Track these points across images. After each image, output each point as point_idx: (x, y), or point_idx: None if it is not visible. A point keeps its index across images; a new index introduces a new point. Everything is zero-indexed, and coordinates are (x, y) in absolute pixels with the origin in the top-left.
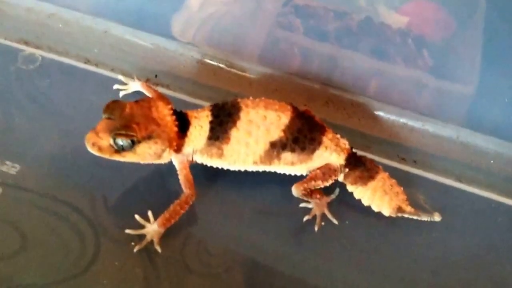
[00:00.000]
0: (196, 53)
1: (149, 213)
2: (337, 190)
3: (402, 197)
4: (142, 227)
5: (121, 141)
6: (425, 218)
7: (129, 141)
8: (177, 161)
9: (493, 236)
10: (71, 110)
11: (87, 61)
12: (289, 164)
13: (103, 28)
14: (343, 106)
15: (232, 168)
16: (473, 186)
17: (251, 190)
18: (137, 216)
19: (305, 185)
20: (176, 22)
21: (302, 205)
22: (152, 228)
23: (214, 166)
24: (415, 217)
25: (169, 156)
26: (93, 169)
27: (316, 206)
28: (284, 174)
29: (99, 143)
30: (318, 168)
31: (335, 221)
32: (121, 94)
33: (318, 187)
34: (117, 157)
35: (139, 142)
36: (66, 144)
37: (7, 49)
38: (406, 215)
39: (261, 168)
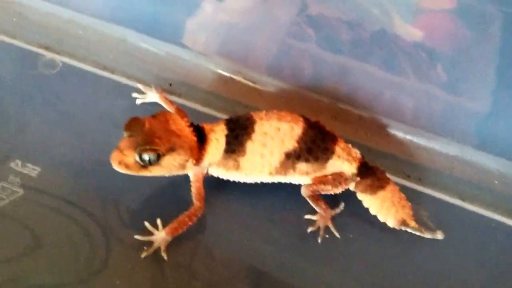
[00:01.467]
0: (209, 63)
1: (158, 221)
2: (342, 205)
3: (408, 211)
4: (151, 233)
5: (147, 156)
6: (427, 235)
7: (154, 155)
8: (193, 173)
9: (493, 254)
10: (88, 115)
11: (104, 68)
12: (303, 174)
13: (120, 35)
14: (350, 120)
15: (248, 180)
16: (475, 205)
17: (258, 200)
18: (146, 223)
19: (315, 186)
20: (188, 32)
21: (307, 217)
22: (160, 236)
23: (231, 179)
24: (417, 233)
25: (192, 167)
26: (108, 174)
27: (320, 218)
28: (291, 186)
29: (125, 161)
30: (330, 174)
31: (338, 235)
32: (138, 102)
33: (328, 192)
34: (144, 172)
35: (163, 155)
36: (83, 147)
37: (28, 54)
38: (409, 230)
39: (276, 179)
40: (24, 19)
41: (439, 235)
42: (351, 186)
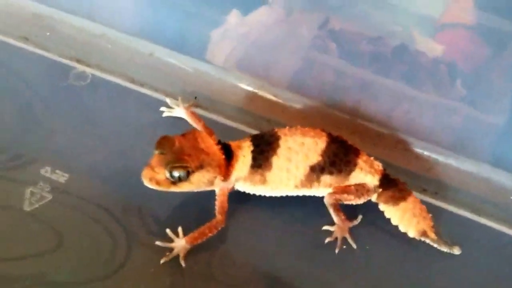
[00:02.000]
0: (232, 78)
1: (179, 229)
2: (359, 217)
3: (429, 223)
4: (172, 240)
5: (177, 173)
6: (444, 248)
7: (184, 172)
8: (219, 187)
9: (509, 270)
10: (116, 125)
11: (132, 81)
12: (327, 187)
13: (148, 50)
14: (369, 136)
15: (274, 194)
16: (491, 221)
17: (278, 209)
18: (168, 230)
19: (338, 196)
20: (212, 47)
21: (325, 227)
22: (180, 243)
23: (257, 194)
24: (435, 245)
25: (220, 183)
26: (134, 181)
27: (338, 229)
28: (310, 198)
29: (156, 178)
30: (353, 184)
31: (355, 246)
32: (164, 115)
33: (350, 202)
34: (174, 188)
35: (193, 172)
36: (110, 155)
37: (60, 66)
38: (428, 241)
39: (301, 192)
40: (57, 33)
41: (456, 251)
42: (373, 197)
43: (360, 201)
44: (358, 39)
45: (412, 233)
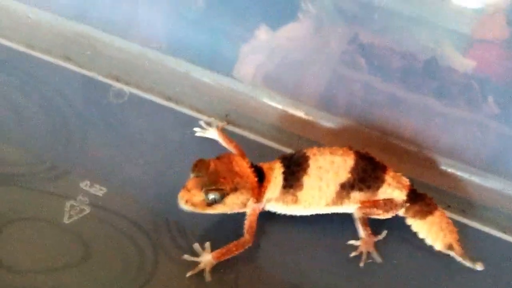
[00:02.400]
0: (262, 95)
1: (207, 244)
2: (384, 232)
3: (455, 236)
4: (198, 255)
5: (212, 195)
6: (468, 263)
7: (219, 194)
8: (250, 208)
9: None
10: (152, 142)
11: (168, 99)
12: (357, 203)
13: (183, 69)
14: (397, 153)
15: (306, 213)
16: None
17: (303, 224)
18: (195, 245)
19: (367, 209)
20: (242, 64)
21: (350, 242)
22: (207, 258)
23: (288, 214)
24: (460, 259)
25: (252, 205)
26: (167, 195)
27: (363, 243)
28: (337, 213)
29: (192, 200)
30: (382, 199)
31: (380, 260)
32: (197, 134)
33: (379, 217)
34: (209, 210)
35: (227, 194)
36: (146, 170)
37: (100, 84)
38: (453, 254)
39: (333, 209)
40: (97, 52)
41: (479, 267)
42: (401, 212)
43: (388, 215)
44: (388, 53)
45: (438, 246)
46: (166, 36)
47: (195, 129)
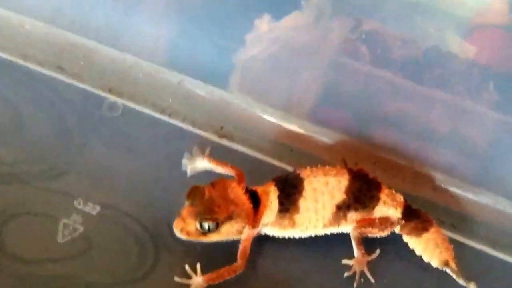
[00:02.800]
0: (255, 108)
1: (198, 266)
2: (377, 251)
3: (451, 253)
4: (190, 277)
5: (206, 225)
6: (462, 282)
7: (213, 224)
8: (245, 234)
9: None
10: (146, 156)
11: (162, 111)
12: (354, 223)
13: (177, 80)
14: (389, 167)
15: (303, 235)
16: (508, 254)
17: (298, 244)
18: (187, 266)
19: (363, 229)
20: (236, 76)
21: (344, 261)
22: (197, 281)
23: (286, 236)
24: (455, 276)
25: (248, 231)
26: (162, 213)
27: (356, 263)
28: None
29: (187, 229)
30: (378, 218)
31: (372, 280)
32: (189, 175)
33: (374, 235)
34: (203, 239)
35: (222, 223)
36: (140, 186)
37: (93, 96)
38: (449, 271)
39: (330, 230)
40: (90, 62)
41: (472, 286)
42: (397, 230)
43: (384, 233)
44: (390, 41)
45: (435, 263)
46: (159, 46)
47: (184, 167)
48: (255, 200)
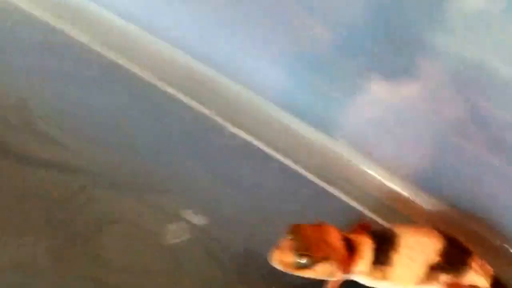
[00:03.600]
0: (360, 161)
1: None
2: None
3: None
4: None
5: (303, 260)
6: None
7: (309, 260)
8: (337, 276)
9: None
10: (255, 188)
11: (275, 149)
12: (443, 285)
13: (288, 123)
14: (481, 245)
15: None
16: None
17: None
18: None
19: None
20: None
21: None
22: None
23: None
24: None
25: (340, 275)
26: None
27: None
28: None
29: (284, 261)
30: (467, 285)
31: None
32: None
33: None
34: (298, 273)
35: (317, 262)
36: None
37: (215, 124)
38: None
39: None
40: (216, 94)
41: None
42: None
43: None
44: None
45: None
46: (280, 88)
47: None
48: (351, 248)
